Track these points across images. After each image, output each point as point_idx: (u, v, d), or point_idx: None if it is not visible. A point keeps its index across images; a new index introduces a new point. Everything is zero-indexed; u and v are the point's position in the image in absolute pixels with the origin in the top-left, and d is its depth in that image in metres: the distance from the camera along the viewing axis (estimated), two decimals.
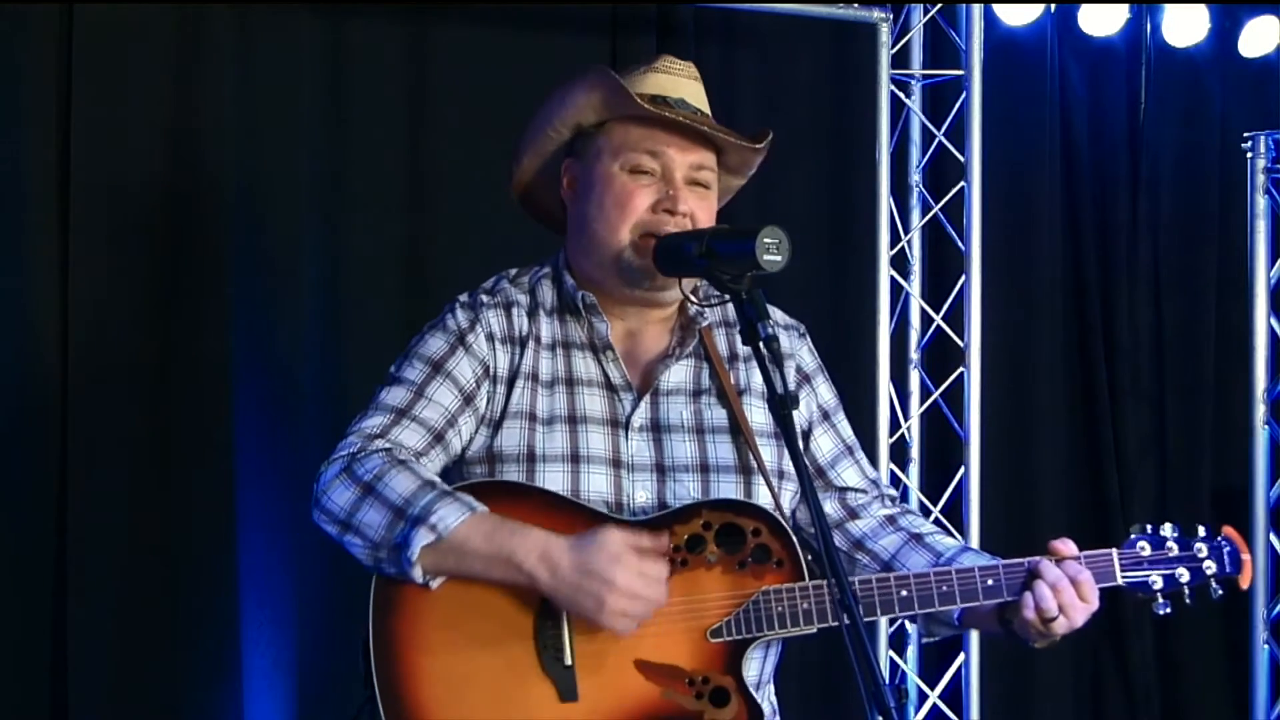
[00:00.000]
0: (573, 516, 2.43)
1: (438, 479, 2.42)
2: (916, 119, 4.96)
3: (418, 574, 2.34)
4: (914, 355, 4.99)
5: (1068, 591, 2.44)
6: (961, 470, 4.80)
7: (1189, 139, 5.53)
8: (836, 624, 2.32)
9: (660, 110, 2.53)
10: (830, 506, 2.66)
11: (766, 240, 2.34)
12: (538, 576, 2.33)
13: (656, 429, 2.55)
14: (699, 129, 2.56)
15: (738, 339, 2.64)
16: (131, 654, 3.98)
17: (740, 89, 4.85)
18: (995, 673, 4.95)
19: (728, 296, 2.41)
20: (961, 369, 4.81)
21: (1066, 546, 2.50)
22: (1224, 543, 2.55)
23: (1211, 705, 5.47)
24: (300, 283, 4.22)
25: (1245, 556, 2.55)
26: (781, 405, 2.31)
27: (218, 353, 4.06)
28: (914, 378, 4.99)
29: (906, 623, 4.65)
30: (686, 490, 2.51)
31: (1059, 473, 5.28)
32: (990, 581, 2.47)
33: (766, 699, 2.56)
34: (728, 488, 2.54)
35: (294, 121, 4.23)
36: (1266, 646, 5.10)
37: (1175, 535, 2.53)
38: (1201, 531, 2.55)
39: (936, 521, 4.84)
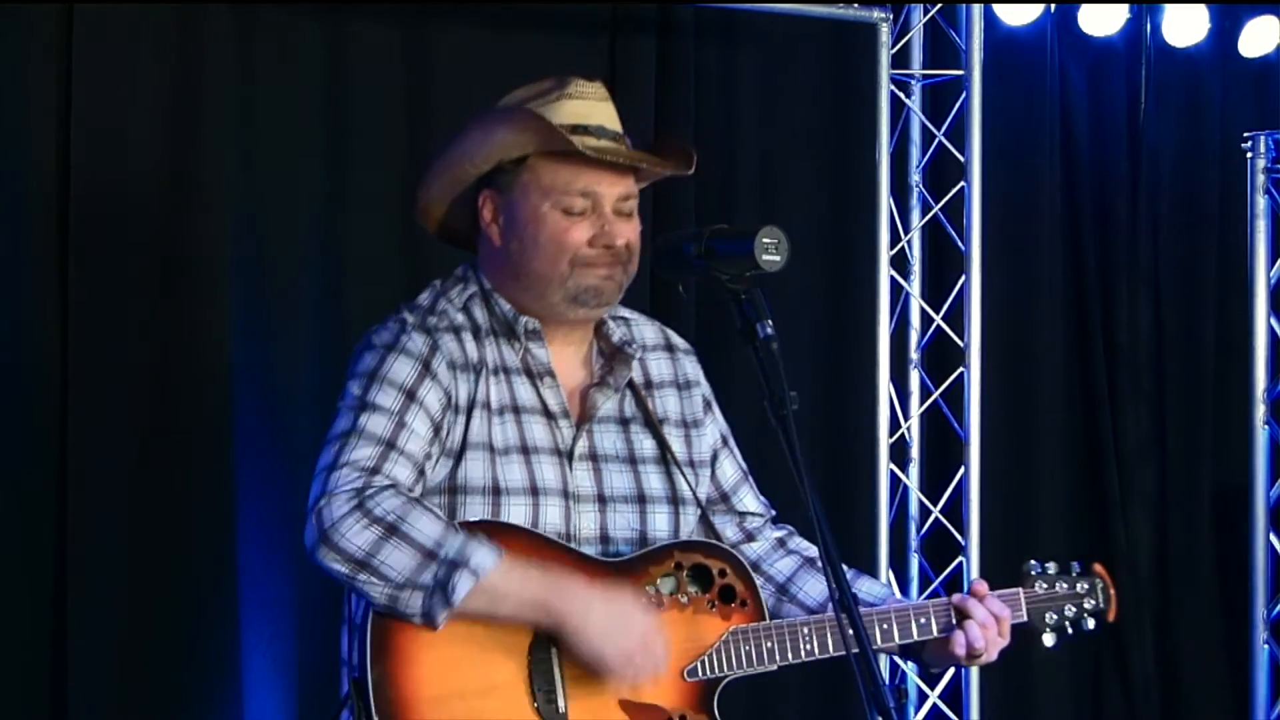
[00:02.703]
0: (574, 563, 2.47)
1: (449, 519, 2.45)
2: (916, 119, 4.96)
3: (444, 617, 2.36)
4: (914, 355, 4.99)
5: (993, 629, 2.61)
6: (961, 470, 4.79)
7: (1189, 139, 5.52)
8: (796, 661, 2.51)
9: (595, 151, 2.50)
10: (730, 530, 2.73)
11: (765, 240, 2.35)
12: (566, 628, 2.40)
13: (595, 458, 2.58)
14: (636, 166, 2.57)
15: (650, 366, 2.68)
16: (131, 654, 3.98)
17: (740, 89, 4.85)
18: (995, 673, 4.93)
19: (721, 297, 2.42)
20: (961, 369, 4.81)
21: (984, 587, 2.66)
22: (1098, 580, 2.79)
23: (1211, 705, 5.46)
24: (300, 283, 4.21)
25: (1113, 592, 2.80)
26: (780, 406, 2.33)
27: (218, 352, 4.06)
28: (914, 378, 4.98)
29: None
30: (626, 521, 2.56)
31: (1059, 473, 5.28)
32: (923, 620, 2.62)
33: None
34: (661, 518, 2.59)
35: (294, 122, 4.23)
36: (1266, 646, 5.09)
37: (1058, 573, 2.75)
38: (1076, 569, 2.77)
39: (936, 521, 4.85)
